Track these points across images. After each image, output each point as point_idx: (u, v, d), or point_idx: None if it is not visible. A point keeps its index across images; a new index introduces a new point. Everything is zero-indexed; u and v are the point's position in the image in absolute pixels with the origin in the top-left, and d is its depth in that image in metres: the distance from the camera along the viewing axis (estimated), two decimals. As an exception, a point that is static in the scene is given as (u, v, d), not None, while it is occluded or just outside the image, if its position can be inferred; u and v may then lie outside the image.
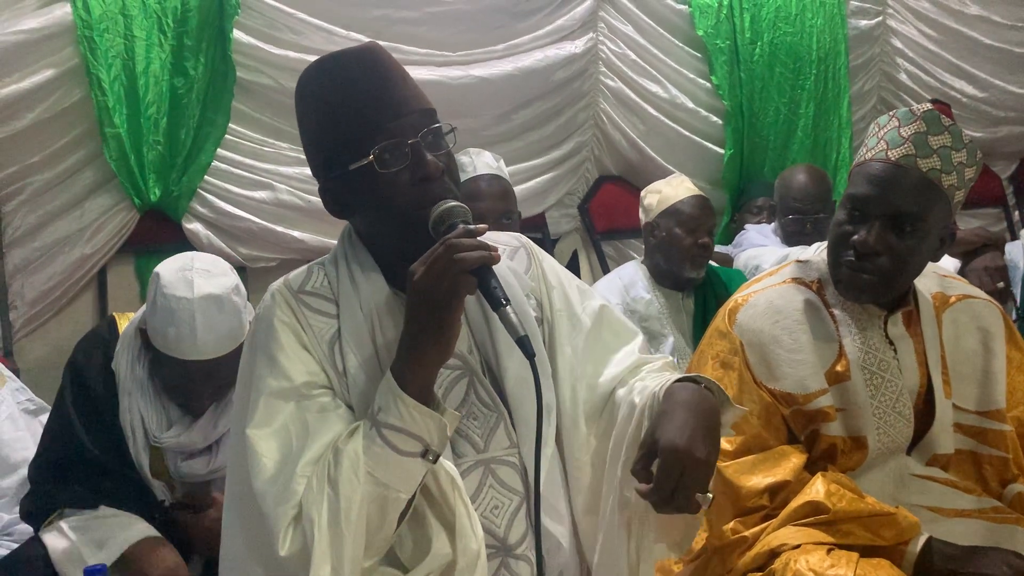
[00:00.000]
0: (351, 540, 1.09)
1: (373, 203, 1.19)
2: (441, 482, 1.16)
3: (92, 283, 2.93)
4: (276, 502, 1.11)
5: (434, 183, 1.17)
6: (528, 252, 1.36)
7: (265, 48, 3.03)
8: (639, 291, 2.67)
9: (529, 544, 1.22)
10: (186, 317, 1.64)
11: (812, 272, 1.57)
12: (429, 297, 1.09)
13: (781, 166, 3.65)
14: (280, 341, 1.19)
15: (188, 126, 2.92)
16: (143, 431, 1.76)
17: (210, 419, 1.77)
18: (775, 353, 1.49)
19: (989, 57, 4.28)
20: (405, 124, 1.17)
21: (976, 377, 1.54)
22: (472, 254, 1.08)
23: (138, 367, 1.76)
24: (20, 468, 1.91)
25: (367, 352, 1.20)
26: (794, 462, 1.45)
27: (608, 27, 3.62)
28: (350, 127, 1.18)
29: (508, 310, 1.09)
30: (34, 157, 2.77)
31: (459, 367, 1.24)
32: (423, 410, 1.10)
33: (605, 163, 3.73)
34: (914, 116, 1.45)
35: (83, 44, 2.76)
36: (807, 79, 3.85)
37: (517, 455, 1.24)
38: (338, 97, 1.19)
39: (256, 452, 1.14)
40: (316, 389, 1.18)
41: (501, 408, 1.25)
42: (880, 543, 1.37)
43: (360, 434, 1.12)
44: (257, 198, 3.06)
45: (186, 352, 1.66)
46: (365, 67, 1.20)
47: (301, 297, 1.23)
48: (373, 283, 1.23)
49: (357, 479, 1.09)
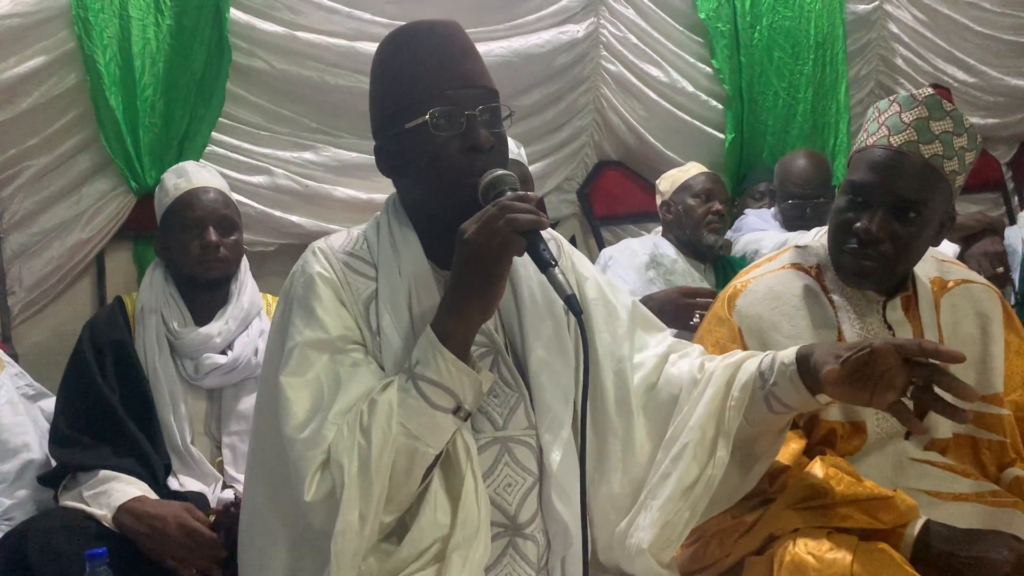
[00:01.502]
0: (379, 488, 1.11)
1: (423, 165, 1.23)
2: (457, 448, 1.18)
3: (90, 268, 2.91)
4: (305, 447, 1.13)
5: (482, 155, 1.21)
6: (558, 244, 1.39)
7: (262, 28, 2.99)
8: (666, 249, 2.78)
9: (539, 525, 1.25)
10: (188, 168, 2.15)
11: (811, 258, 1.57)
12: (479, 254, 1.11)
13: (780, 151, 3.66)
14: (319, 294, 1.22)
15: (184, 108, 2.90)
16: (166, 337, 1.95)
17: (221, 317, 2.00)
18: (774, 339, 1.50)
19: (980, 44, 4.31)
20: (465, 95, 1.21)
21: (974, 361, 1.54)
22: (525, 216, 1.11)
23: (158, 276, 2.05)
24: (20, 453, 1.91)
25: (403, 316, 1.23)
26: (793, 447, 1.45)
27: (609, 10, 3.60)
28: (413, 89, 1.22)
29: (556, 271, 1.12)
30: (30, 141, 2.74)
31: (486, 344, 1.27)
32: (460, 366, 1.13)
33: (605, 148, 3.72)
34: (916, 101, 1.45)
35: (78, 25, 2.73)
36: (805, 63, 3.84)
37: (534, 436, 1.26)
38: (405, 62, 1.24)
39: (288, 399, 1.16)
40: (350, 344, 1.21)
41: (523, 389, 1.27)
42: (878, 526, 1.37)
43: (396, 386, 1.15)
44: (254, 183, 3.04)
45: (194, 181, 2.07)
46: (437, 38, 1.24)
47: (342, 256, 1.26)
48: (413, 251, 1.26)
49: (390, 429, 1.12)
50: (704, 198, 2.77)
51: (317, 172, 3.08)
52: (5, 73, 2.67)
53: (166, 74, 2.87)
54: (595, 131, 3.68)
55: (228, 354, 1.98)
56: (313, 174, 3.09)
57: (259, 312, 2.07)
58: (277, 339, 1.25)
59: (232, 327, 2.00)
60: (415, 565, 1.16)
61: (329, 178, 3.11)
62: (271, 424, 1.19)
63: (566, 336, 1.30)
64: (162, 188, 2.11)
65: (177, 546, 1.69)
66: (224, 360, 1.96)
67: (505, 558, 1.22)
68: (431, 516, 1.17)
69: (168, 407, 1.91)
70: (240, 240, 2.08)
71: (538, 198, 1.17)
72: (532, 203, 1.13)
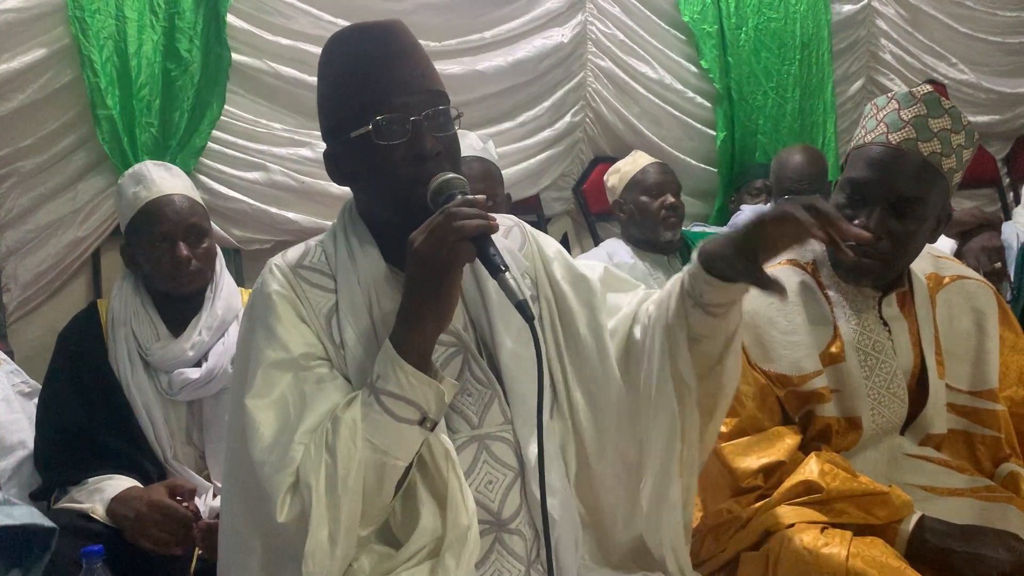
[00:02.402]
0: (348, 506, 1.10)
1: (371, 173, 1.22)
2: (435, 454, 1.17)
3: (86, 266, 2.92)
4: (274, 470, 1.13)
5: (429, 162, 1.18)
6: (522, 231, 1.38)
7: (257, 32, 3.01)
8: (622, 256, 2.73)
9: (523, 519, 1.24)
10: (145, 172, 1.94)
11: (807, 254, 1.58)
12: (428, 264, 1.10)
13: (773, 149, 3.69)
14: (278, 313, 1.21)
15: (182, 108, 2.90)
16: (137, 353, 1.88)
17: (194, 328, 1.91)
18: (770, 335, 1.50)
19: (965, 43, 4.35)
20: (410, 101, 1.19)
21: (969, 357, 1.55)
22: (471, 222, 1.09)
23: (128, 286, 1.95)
24: (16, 450, 1.91)
25: (364, 324, 1.21)
26: (788, 443, 1.45)
27: (597, 8, 3.62)
28: (357, 96, 1.20)
29: (507, 276, 1.11)
30: (26, 139, 2.75)
31: (454, 344, 1.26)
32: (421, 377, 1.12)
33: (600, 144, 3.72)
34: (914, 99, 1.45)
35: (74, 24, 2.73)
36: (792, 64, 3.90)
37: (511, 431, 1.25)
38: (350, 66, 1.21)
39: (254, 421, 1.15)
40: (313, 361, 1.20)
41: (495, 385, 1.26)
42: (873, 522, 1.38)
43: (359, 402, 1.14)
44: (250, 179, 3.05)
45: (155, 189, 1.90)
46: (381, 41, 1.22)
47: (299, 271, 1.25)
48: (370, 257, 1.24)
49: (355, 445, 1.11)
50: (656, 192, 2.69)
51: (312, 168, 3.09)
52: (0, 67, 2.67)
53: (163, 75, 2.87)
54: (588, 127, 3.68)
55: (203, 365, 1.89)
56: (309, 170, 3.10)
57: (236, 315, 1.97)
58: (241, 361, 1.24)
59: (206, 337, 1.90)
60: (408, 564, 1.16)
61: (324, 174, 3.11)
62: (243, 445, 1.17)
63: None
64: (121, 197, 1.94)
65: (151, 523, 1.67)
66: (197, 375, 1.88)
67: (492, 555, 1.22)
68: (421, 523, 1.16)
69: (148, 424, 1.86)
70: (212, 244, 1.96)
71: (484, 200, 1.14)
72: (479, 206, 1.11)
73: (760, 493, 1.43)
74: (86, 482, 1.78)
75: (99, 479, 1.78)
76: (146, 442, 1.87)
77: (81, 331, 1.94)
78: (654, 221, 2.68)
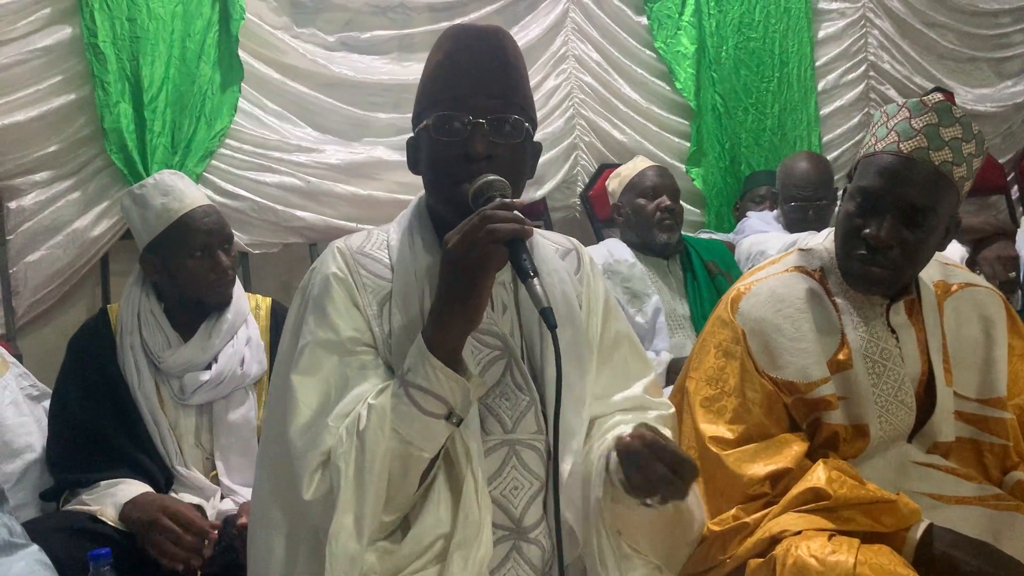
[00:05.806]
0: (374, 492, 1.12)
1: (425, 166, 1.26)
2: (458, 450, 1.19)
3: (95, 269, 2.93)
4: (306, 448, 1.15)
5: (475, 163, 1.20)
6: (579, 256, 1.40)
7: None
8: (623, 255, 2.71)
9: (543, 530, 1.24)
10: (171, 183, 1.96)
11: (815, 261, 1.57)
12: (460, 265, 1.12)
13: (755, 162, 3.82)
14: (332, 295, 1.23)
15: (192, 116, 2.93)
16: (146, 360, 1.89)
17: (206, 332, 1.94)
18: (777, 342, 1.50)
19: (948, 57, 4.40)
20: (477, 103, 1.21)
21: (977, 365, 1.55)
22: (505, 226, 1.10)
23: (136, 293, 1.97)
24: (24, 454, 1.91)
25: (414, 314, 1.23)
26: (796, 450, 1.45)
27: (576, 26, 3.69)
28: (434, 90, 1.24)
29: (535, 282, 1.12)
30: (36, 144, 2.77)
31: (499, 347, 1.27)
32: (448, 373, 1.13)
33: (604, 152, 3.73)
34: (926, 107, 1.45)
35: (89, 51, 2.79)
36: (770, 81, 3.98)
37: (543, 441, 1.26)
38: (441, 62, 1.25)
39: (296, 399, 1.18)
40: (360, 346, 1.22)
41: (534, 393, 1.27)
42: (881, 529, 1.37)
43: (389, 392, 1.16)
44: (260, 180, 3.07)
45: (187, 201, 1.94)
46: (476, 44, 1.25)
47: (359, 256, 1.27)
48: (429, 249, 1.27)
49: (383, 434, 1.13)
50: (652, 195, 2.69)
51: (320, 170, 3.12)
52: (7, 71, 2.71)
53: (174, 86, 2.90)
54: (583, 133, 3.70)
55: (212, 367, 1.92)
56: (316, 172, 3.12)
57: (245, 319, 2.01)
58: (291, 337, 1.26)
59: (216, 342, 1.94)
60: (417, 563, 1.17)
61: (331, 175, 3.15)
62: (281, 419, 1.20)
63: (583, 345, 1.30)
64: (147, 207, 1.94)
65: (167, 530, 1.67)
66: (208, 376, 1.90)
67: (509, 562, 1.22)
68: (433, 514, 1.18)
69: (155, 430, 1.88)
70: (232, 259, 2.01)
71: (522, 204, 1.16)
72: (517, 210, 1.13)
73: (767, 500, 1.43)
74: (98, 485, 1.79)
75: (111, 483, 1.79)
76: (153, 447, 1.88)
77: (92, 336, 1.96)
78: (649, 223, 2.67)
